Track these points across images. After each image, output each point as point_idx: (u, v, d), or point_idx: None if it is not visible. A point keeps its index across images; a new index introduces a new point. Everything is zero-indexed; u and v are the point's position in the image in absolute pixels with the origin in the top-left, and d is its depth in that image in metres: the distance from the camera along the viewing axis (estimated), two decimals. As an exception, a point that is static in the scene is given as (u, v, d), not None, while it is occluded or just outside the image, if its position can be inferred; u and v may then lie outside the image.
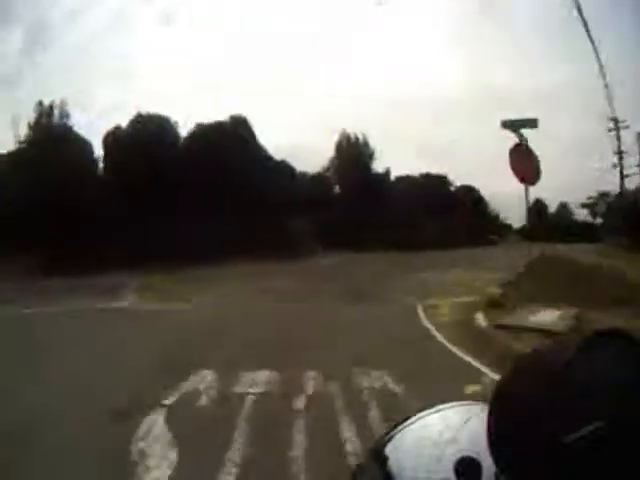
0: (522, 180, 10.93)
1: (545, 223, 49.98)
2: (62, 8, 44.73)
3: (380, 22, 58.67)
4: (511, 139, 11.24)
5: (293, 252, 27.24)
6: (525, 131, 11.34)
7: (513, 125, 11.30)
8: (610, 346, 0.47)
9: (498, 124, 11.39)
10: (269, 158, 35.07)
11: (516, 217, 52.33)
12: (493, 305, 10.26)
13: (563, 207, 52.09)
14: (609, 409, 0.43)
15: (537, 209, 53.59)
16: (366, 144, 39.46)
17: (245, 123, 35.12)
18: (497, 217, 52.74)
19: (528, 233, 17.17)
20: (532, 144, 11.29)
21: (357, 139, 39.66)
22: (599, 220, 42.30)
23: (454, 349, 6.79)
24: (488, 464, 0.52)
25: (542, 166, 11.25)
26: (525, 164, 10.93)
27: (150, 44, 49.75)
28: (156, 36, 49.56)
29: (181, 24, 56.55)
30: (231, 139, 32.95)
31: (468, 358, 6.31)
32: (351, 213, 35.20)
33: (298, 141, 50.59)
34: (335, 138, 39.67)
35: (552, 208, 52.53)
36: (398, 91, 58.44)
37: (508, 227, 51.22)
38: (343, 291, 12.73)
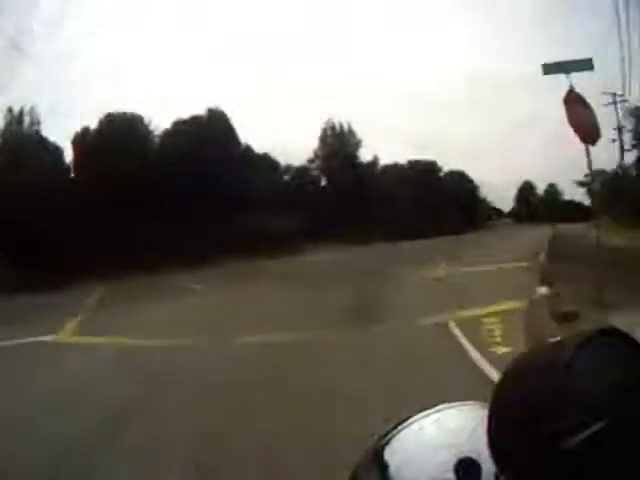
0: (583, 140, 7.52)
1: (534, 205, 47.23)
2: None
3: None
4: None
5: (279, 250, 24.08)
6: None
7: (562, 68, 7.84)
8: (610, 346, 0.44)
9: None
10: (250, 152, 31.76)
11: (503, 201, 49.89)
12: (561, 318, 6.91)
13: (551, 187, 48.92)
14: (609, 409, 0.40)
15: (525, 193, 50.87)
16: (351, 133, 35.95)
17: (223, 117, 31.80)
18: (484, 200, 50.09)
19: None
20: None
21: (342, 128, 36.15)
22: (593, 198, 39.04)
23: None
24: (488, 465, 0.49)
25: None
26: (584, 118, 7.53)
27: (144, 43, 45.50)
28: (154, 35, 45.11)
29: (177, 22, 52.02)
30: (208, 134, 29.75)
31: None
32: (338, 205, 32.05)
33: (284, 134, 46.79)
34: (320, 129, 36.08)
35: (540, 190, 49.59)
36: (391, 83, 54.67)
37: (498, 211, 48.43)
38: (338, 307, 8.90)
